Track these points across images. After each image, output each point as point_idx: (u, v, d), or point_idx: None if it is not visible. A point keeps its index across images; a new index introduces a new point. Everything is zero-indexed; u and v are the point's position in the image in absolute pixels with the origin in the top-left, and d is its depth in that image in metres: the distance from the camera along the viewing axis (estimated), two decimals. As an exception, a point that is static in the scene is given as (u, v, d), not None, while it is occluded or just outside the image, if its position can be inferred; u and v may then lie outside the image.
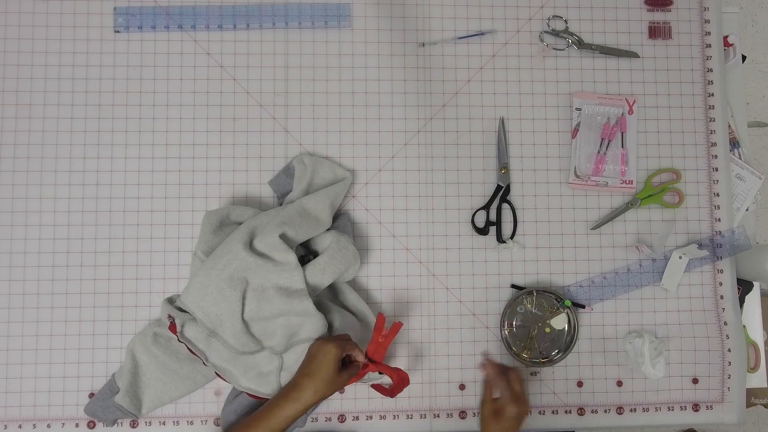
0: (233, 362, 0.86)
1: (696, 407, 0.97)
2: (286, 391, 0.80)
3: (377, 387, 0.88)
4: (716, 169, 1.00)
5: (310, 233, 0.89)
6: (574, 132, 0.99)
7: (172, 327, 0.85)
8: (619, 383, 0.97)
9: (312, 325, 0.84)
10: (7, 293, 0.93)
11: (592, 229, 0.99)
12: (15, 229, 0.94)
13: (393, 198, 0.97)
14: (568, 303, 0.94)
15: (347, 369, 0.80)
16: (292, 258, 0.84)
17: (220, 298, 0.83)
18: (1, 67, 0.96)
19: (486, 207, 0.98)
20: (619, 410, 0.96)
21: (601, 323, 0.97)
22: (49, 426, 0.91)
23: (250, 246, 0.85)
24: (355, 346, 0.81)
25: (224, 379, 0.87)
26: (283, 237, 0.85)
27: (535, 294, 0.95)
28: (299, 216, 0.88)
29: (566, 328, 0.95)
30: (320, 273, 0.86)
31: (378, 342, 0.83)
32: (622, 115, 1.00)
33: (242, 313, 0.84)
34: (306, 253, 0.92)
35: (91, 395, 0.92)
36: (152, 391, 0.89)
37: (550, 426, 0.96)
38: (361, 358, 0.82)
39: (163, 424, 0.92)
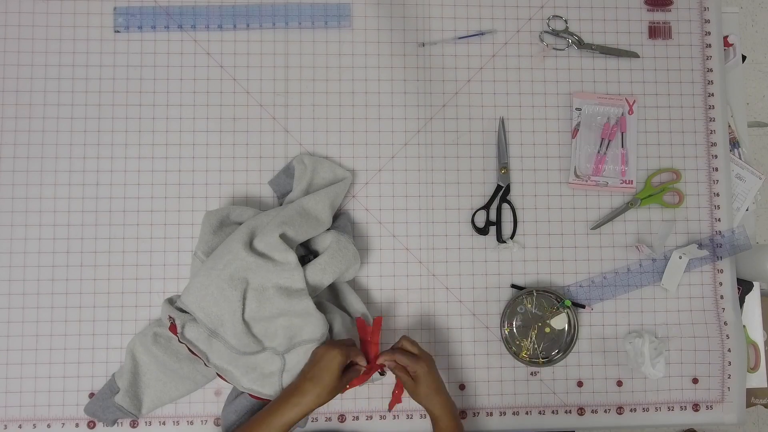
0: (235, 363, 0.86)
1: (696, 407, 0.97)
2: (288, 395, 0.80)
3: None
4: (716, 169, 1.00)
5: (310, 233, 0.89)
6: (574, 132, 0.99)
7: (173, 328, 0.85)
8: (619, 383, 0.97)
9: (313, 325, 0.84)
10: (7, 293, 0.93)
11: (592, 229, 0.98)
12: (15, 229, 0.94)
13: (393, 198, 0.97)
14: (568, 303, 0.94)
15: (346, 374, 0.81)
16: (292, 258, 0.84)
17: (220, 298, 0.83)
18: (1, 67, 0.96)
19: (486, 207, 0.98)
20: (619, 410, 0.96)
21: (601, 323, 0.97)
22: (49, 426, 0.91)
23: (251, 246, 0.85)
24: (359, 353, 0.82)
25: (225, 380, 0.87)
26: (283, 237, 0.85)
27: (535, 294, 0.95)
28: (299, 216, 0.88)
29: (566, 328, 0.95)
30: (320, 273, 0.86)
31: (367, 341, 0.85)
32: (622, 115, 1.00)
33: (243, 313, 0.84)
34: (306, 253, 0.92)
35: (91, 395, 0.92)
36: (152, 391, 0.89)
37: (550, 426, 0.96)
38: (363, 363, 0.83)
39: (163, 424, 0.92)
